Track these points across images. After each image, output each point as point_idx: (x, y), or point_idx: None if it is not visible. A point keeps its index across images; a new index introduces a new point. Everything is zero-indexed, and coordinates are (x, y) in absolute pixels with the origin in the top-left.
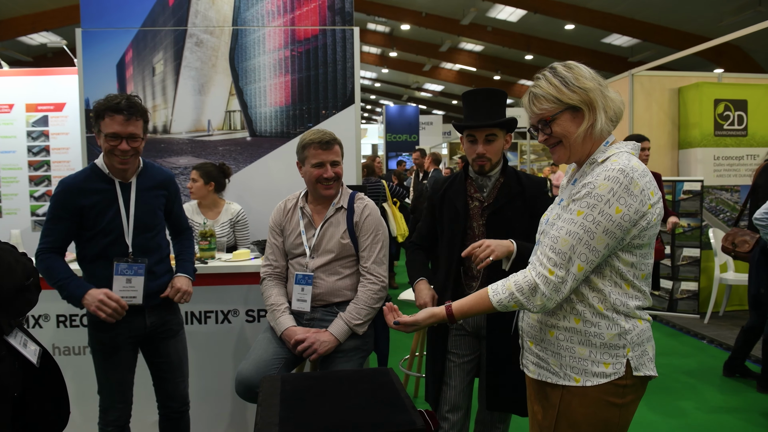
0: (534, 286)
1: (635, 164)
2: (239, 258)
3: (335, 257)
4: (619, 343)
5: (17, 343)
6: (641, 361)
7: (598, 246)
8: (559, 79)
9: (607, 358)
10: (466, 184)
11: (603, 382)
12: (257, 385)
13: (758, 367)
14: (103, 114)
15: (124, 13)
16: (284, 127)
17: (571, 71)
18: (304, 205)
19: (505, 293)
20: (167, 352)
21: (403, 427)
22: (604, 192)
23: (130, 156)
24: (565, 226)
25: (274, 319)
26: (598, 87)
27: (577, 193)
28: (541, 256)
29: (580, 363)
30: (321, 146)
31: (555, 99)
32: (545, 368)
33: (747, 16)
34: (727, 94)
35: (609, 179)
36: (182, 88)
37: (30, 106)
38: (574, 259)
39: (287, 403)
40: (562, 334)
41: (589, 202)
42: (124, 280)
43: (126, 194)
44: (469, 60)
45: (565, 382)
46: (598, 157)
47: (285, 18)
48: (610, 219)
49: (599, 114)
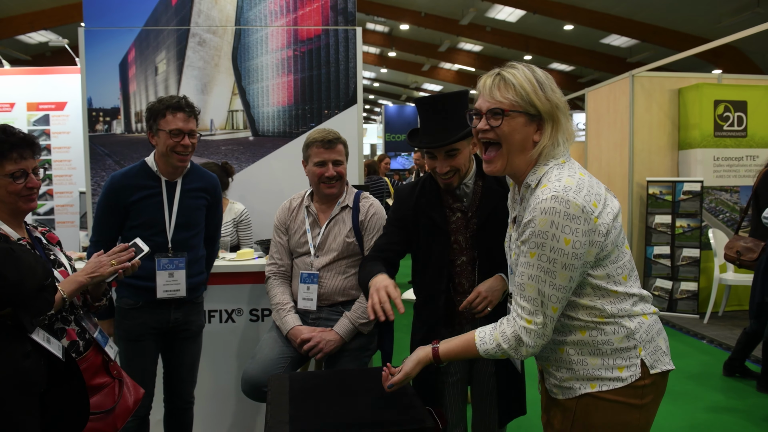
0: (518, 339)
1: (566, 182)
2: (243, 257)
3: (340, 256)
4: (629, 344)
5: (41, 339)
6: (656, 357)
7: (563, 282)
8: (537, 80)
9: (621, 362)
10: (440, 193)
11: (620, 386)
12: (264, 384)
13: (758, 367)
14: (164, 112)
15: (127, 12)
16: (287, 126)
17: (548, 79)
18: (309, 204)
19: (492, 344)
20: (183, 354)
21: (412, 425)
22: (545, 228)
23: (189, 151)
24: (526, 271)
25: (280, 319)
26: (564, 108)
27: (523, 232)
28: (515, 306)
29: (594, 372)
30: (323, 145)
31: (524, 96)
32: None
33: (745, 17)
34: (727, 95)
35: (545, 212)
36: (185, 87)
37: (31, 105)
38: (546, 303)
39: (296, 402)
40: (571, 348)
41: (537, 242)
42: (167, 275)
43: (171, 192)
44: (468, 60)
45: (582, 391)
46: (531, 182)
47: (288, 18)
48: (563, 253)
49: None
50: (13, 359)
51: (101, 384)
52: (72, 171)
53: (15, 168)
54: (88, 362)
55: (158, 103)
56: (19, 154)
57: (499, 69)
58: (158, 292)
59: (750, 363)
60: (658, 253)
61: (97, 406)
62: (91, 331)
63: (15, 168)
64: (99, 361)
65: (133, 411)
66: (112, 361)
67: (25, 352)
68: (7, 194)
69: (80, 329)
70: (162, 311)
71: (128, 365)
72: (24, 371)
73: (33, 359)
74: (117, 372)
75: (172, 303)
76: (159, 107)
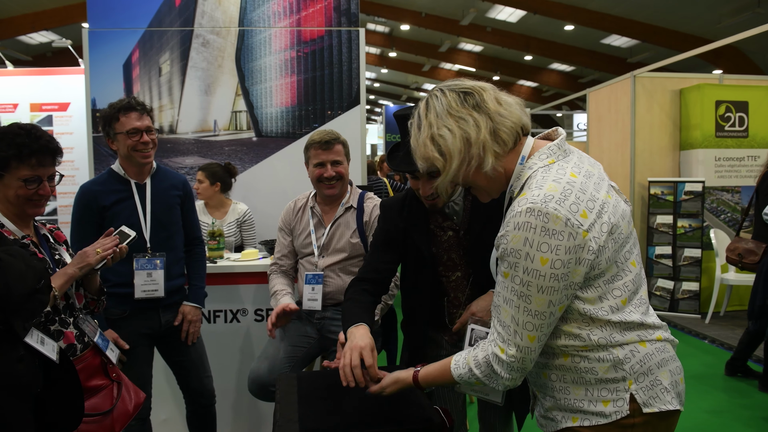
0: (490, 366)
1: (549, 188)
2: (248, 258)
3: (345, 257)
4: (616, 375)
5: (34, 342)
6: (652, 393)
7: (539, 308)
8: (424, 131)
9: (606, 395)
10: (428, 215)
11: (603, 423)
12: (270, 383)
13: (760, 366)
14: (116, 115)
15: (131, 13)
16: (290, 127)
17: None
18: (314, 205)
19: (464, 368)
20: (187, 350)
21: (420, 423)
22: (518, 246)
23: (150, 148)
24: (501, 293)
25: (276, 302)
26: (459, 132)
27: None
28: (492, 329)
29: (576, 403)
30: (321, 146)
31: (429, 160)
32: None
33: (745, 17)
34: (729, 95)
35: (518, 227)
36: (188, 88)
37: (34, 105)
38: (519, 331)
39: (305, 401)
40: (554, 374)
41: (510, 261)
42: (145, 275)
43: (142, 194)
44: (468, 60)
45: (564, 425)
46: (515, 187)
47: (291, 19)
48: (539, 274)
49: (465, 156)
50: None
51: (98, 386)
52: (75, 171)
53: (30, 174)
54: (85, 363)
55: (109, 109)
56: (38, 161)
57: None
58: (136, 292)
59: (752, 363)
60: (659, 254)
61: (93, 408)
62: (90, 335)
63: (30, 174)
64: (97, 362)
65: (134, 415)
66: (112, 364)
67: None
68: (16, 197)
69: (79, 332)
70: (151, 316)
71: (126, 373)
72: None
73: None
74: (116, 375)
75: (159, 307)
76: (110, 112)
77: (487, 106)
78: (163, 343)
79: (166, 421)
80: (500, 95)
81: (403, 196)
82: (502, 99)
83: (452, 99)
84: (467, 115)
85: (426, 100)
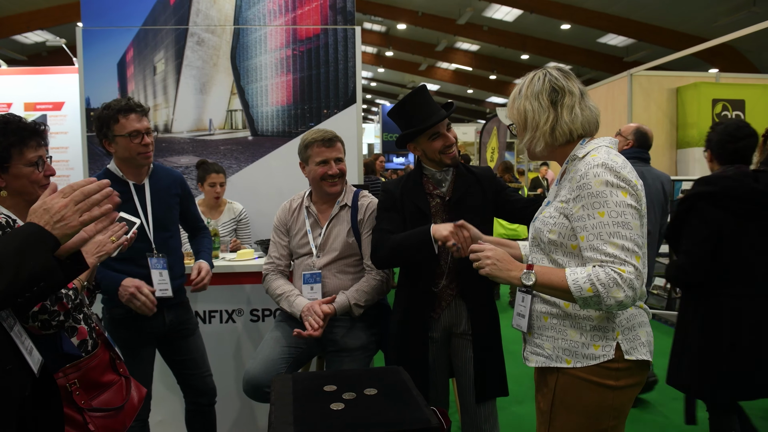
0: (613, 281)
1: (614, 157)
2: (243, 257)
3: (341, 255)
4: (608, 326)
5: (24, 349)
6: (632, 345)
7: (636, 231)
8: (512, 96)
9: (597, 341)
10: (423, 182)
11: (592, 364)
12: (265, 384)
13: None
14: (116, 117)
15: (125, 11)
16: (286, 126)
17: (519, 94)
18: (309, 205)
19: (583, 275)
20: (189, 349)
21: (418, 425)
22: (602, 188)
23: (151, 150)
24: (603, 230)
25: (290, 304)
26: (538, 110)
27: (577, 197)
28: (603, 258)
29: (571, 345)
30: (324, 144)
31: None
32: (541, 354)
33: (741, 16)
34: (725, 94)
35: (597, 175)
36: (183, 87)
37: (28, 105)
38: (630, 255)
39: (300, 402)
40: (555, 319)
41: (600, 201)
42: (158, 274)
43: (141, 195)
44: (465, 59)
45: (558, 365)
46: (578, 153)
47: (286, 17)
48: (626, 204)
49: (526, 133)
50: None
51: (110, 381)
52: (70, 171)
53: (35, 156)
54: (98, 359)
55: (107, 110)
56: (37, 142)
57: None
58: (156, 291)
59: None
60: None
61: (107, 404)
62: (100, 330)
63: (35, 156)
64: (107, 358)
65: (138, 409)
66: (120, 359)
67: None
68: (29, 184)
69: (90, 328)
70: (155, 315)
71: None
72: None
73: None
74: (123, 370)
75: (164, 306)
76: (109, 113)
77: (560, 107)
78: (165, 343)
79: (162, 422)
80: (579, 104)
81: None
82: (576, 109)
83: (546, 87)
84: (546, 107)
85: (536, 75)
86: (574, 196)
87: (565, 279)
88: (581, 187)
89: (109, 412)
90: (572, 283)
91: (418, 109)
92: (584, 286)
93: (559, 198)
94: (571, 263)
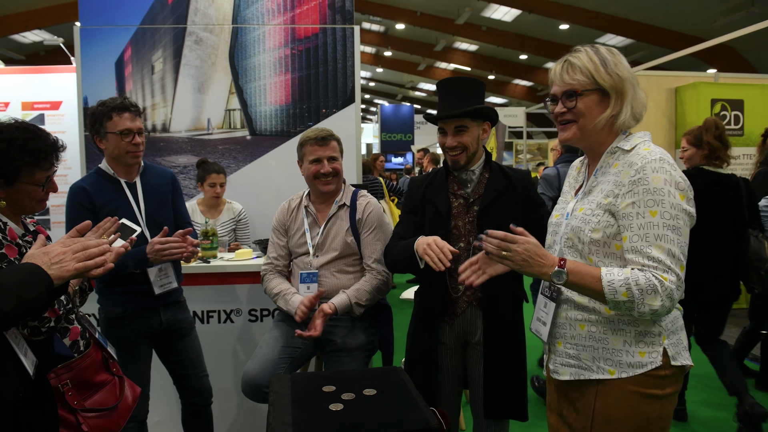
0: (653, 287)
1: (664, 151)
2: (242, 257)
3: (340, 255)
4: (654, 330)
5: (20, 351)
6: (677, 350)
7: (685, 238)
8: (599, 58)
9: (643, 347)
10: (448, 180)
11: (639, 373)
12: (264, 384)
13: (757, 365)
14: (109, 114)
15: (123, 10)
16: (284, 125)
17: (612, 55)
18: (308, 204)
19: (620, 280)
20: (185, 349)
21: (417, 425)
22: (660, 185)
23: (141, 150)
24: (651, 232)
25: (287, 302)
26: (631, 79)
27: (629, 192)
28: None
29: (614, 354)
30: (317, 142)
31: (590, 75)
32: (577, 366)
33: (739, 16)
34: (724, 93)
35: (656, 171)
36: (182, 86)
37: (26, 104)
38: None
39: (299, 403)
40: (593, 326)
41: (655, 199)
42: (157, 270)
43: (134, 193)
44: (463, 59)
45: (599, 376)
46: (623, 146)
47: (285, 16)
48: (682, 208)
49: (626, 106)
50: None
51: (103, 381)
52: (67, 171)
53: (44, 176)
54: (90, 359)
55: (102, 107)
56: (50, 162)
57: (566, 55)
58: (155, 290)
59: (749, 361)
60: None
61: (100, 403)
62: (91, 331)
63: (44, 176)
64: (99, 357)
65: (133, 408)
66: (112, 359)
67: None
68: (29, 200)
69: (83, 328)
70: (152, 315)
71: (125, 372)
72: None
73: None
74: (116, 369)
75: (160, 305)
76: (103, 110)
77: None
78: (161, 343)
79: (160, 423)
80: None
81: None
82: (640, 94)
83: None
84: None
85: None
86: (624, 191)
87: (600, 280)
88: (636, 182)
89: (103, 412)
90: (607, 284)
91: (444, 97)
92: (620, 290)
93: (602, 193)
94: (612, 265)
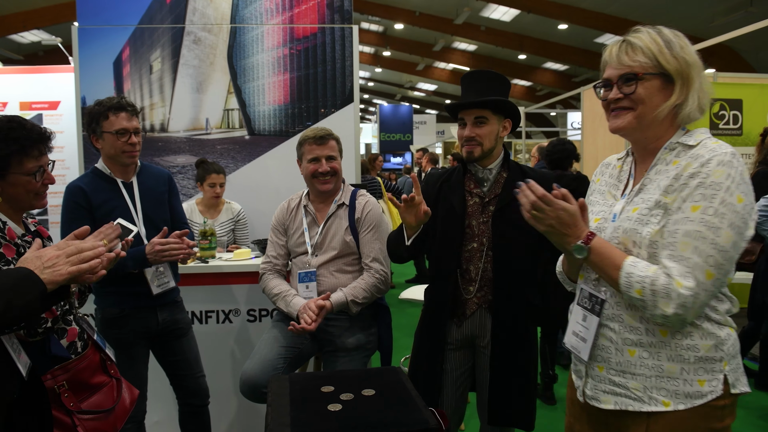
0: (667, 293)
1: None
2: (240, 257)
3: (338, 255)
4: (715, 355)
5: (13, 352)
6: (736, 376)
7: (725, 244)
8: (663, 39)
9: (703, 374)
10: (465, 178)
11: (698, 404)
12: (262, 385)
13: (756, 365)
14: (106, 114)
15: (121, 10)
16: (283, 125)
17: (677, 37)
18: (307, 204)
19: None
20: (182, 350)
21: (416, 426)
22: (721, 179)
23: (137, 150)
24: (681, 228)
25: (287, 304)
26: (698, 65)
27: (683, 185)
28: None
29: (669, 383)
30: (315, 141)
31: (653, 57)
32: (623, 395)
33: (738, 16)
34: (723, 93)
35: (723, 164)
36: (180, 86)
37: (24, 104)
38: (701, 265)
39: (297, 403)
40: (645, 351)
41: (705, 193)
42: (154, 270)
43: (130, 193)
44: (462, 59)
45: (651, 408)
46: (685, 141)
47: (284, 16)
48: (733, 209)
49: (692, 95)
50: None
51: (100, 383)
52: (66, 171)
53: (35, 165)
54: (88, 361)
55: (98, 106)
56: (39, 151)
57: (624, 36)
58: (153, 290)
59: (748, 361)
60: None
61: (97, 406)
62: (90, 331)
63: (35, 165)
64: (97, 359)
65: (130, 411)
66: (110, 360)
67: None
68: (25, 193)
69: (80, 330)
70: (148, 315)
71: (122, 373)
72: None
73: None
74: (114, 371)
75: (157, 305)
76: (100, 109)
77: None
78: (158, 343)
79: (159, 423)
80: None
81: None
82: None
83: None
84: None
85: None
86: (679, 184)
87: (620, 269)
88: (694, 174)
89: (99, 415)
90: (625, 276)
91: (467, 89)
92: (635, 285)
93: (660, 189)
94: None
